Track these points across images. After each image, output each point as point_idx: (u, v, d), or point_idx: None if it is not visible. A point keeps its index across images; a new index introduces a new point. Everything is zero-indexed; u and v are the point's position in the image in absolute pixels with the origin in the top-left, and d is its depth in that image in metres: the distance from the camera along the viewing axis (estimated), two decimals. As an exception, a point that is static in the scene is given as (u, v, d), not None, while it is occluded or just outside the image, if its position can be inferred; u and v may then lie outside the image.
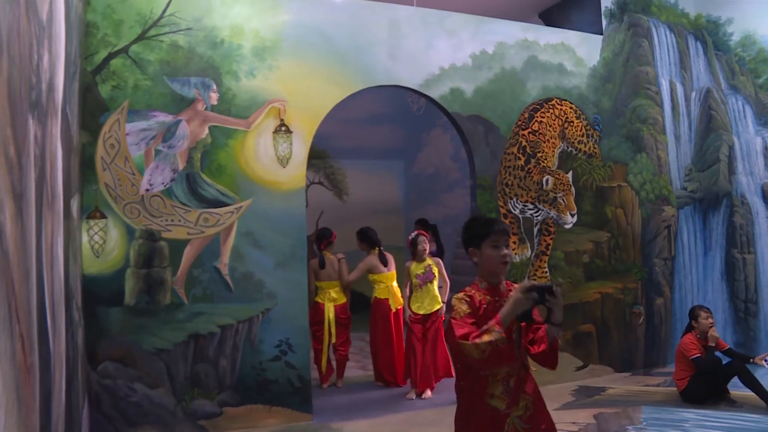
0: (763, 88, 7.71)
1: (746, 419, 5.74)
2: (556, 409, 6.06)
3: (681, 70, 8.22)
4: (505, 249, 2.83)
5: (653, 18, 8.06)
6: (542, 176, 6.99)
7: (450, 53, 6.68)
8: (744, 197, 7.90)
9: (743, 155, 7.94)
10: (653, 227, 7.81)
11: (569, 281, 7.11)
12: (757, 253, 7.79)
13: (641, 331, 7.65)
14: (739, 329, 7.93)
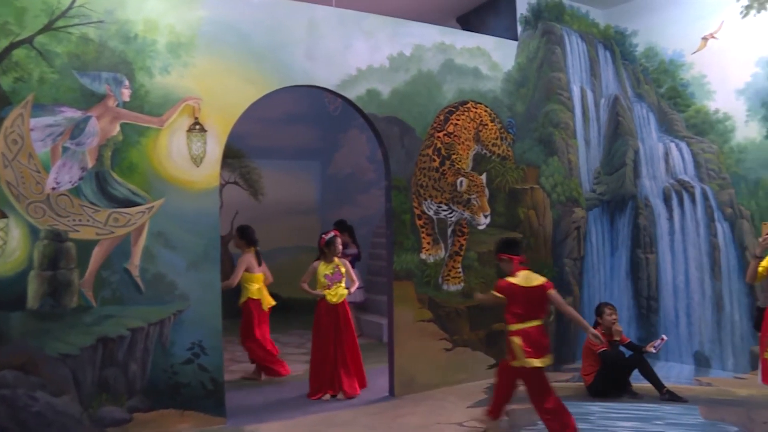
0: (664, 97, 8.26)
1: (645, 409, 6.22)
2: (469, 406, 6.35)
3: (591, 77, 8.71)
4: None
5: (566, 26, 8.50)
6: (456, 178, 7.26)
7: (367, 54, 6.82)
8: (648, 200, 8.44)
9: (647, 160, 8.48)
10: (564, 228, 8.26)
11: (482, 281, 7.41)
12: (659, 253, 8.34)
13: (551, 329, 8.03)
14: (642, 325, 8.49)
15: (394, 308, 6.85)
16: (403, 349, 6.84)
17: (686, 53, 8.05)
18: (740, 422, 5.72)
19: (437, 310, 7.08)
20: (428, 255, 7.04)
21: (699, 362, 7.91)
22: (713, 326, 7.77)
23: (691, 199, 7.98)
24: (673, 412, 6.10)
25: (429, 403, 6.46)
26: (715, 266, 7.76)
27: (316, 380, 6.88)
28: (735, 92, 7.55)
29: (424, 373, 6.95)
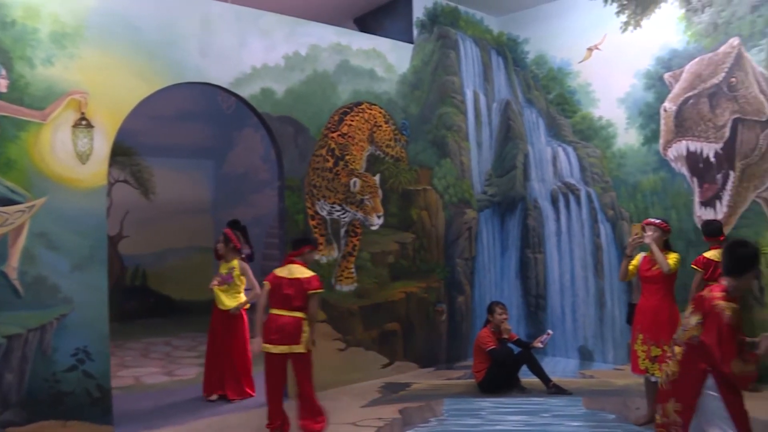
0: (553, 103, 8.74)
1: (533, 402, 6.57)
2: (363, 406, 6.48)
3: (484, 82, 9.09)
4: None
5: (461, 32, 8.82)
6: (350, 178, 7.41)
7: (263, 53, 6.83)
8: (536, 202, 8.91)
9: (536, 163, 8.94)
10: (455, 229, 8.58)
11: (375, 281, 7.61)
12: (547, 253, 8.82)
13: (444, 328, 8.37)
14: (531, 322, 8.94)
15: (287, 310, 6.88)
16: (298, 350, 6.89)
17: (573, 62, 8.56)
18: (617, 410, 6.18)
19: (330, 311, 7.18)
20: (321, 255, 7.14)
21: (583, 356, 8.43)
22: (596, 322, 8.31)
23: (577, 201, 8.49)
24: (559, 404, 6.48)
25: (323, 404, 6.50)
26: (598, 265, 8.29)
27: (208, 381, 6.89)
28: (617, 101, 8.12)
29: (317, 373, 6.85)
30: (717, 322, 3.62)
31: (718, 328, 3.61)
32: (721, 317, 3.60)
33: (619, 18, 8.06)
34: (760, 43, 6.98)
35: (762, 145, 6.93)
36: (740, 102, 7.05)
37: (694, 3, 7.44)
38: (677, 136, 7.51)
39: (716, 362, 3.59)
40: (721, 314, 3.60)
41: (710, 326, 3.66)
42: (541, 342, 7.08)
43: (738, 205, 7.13)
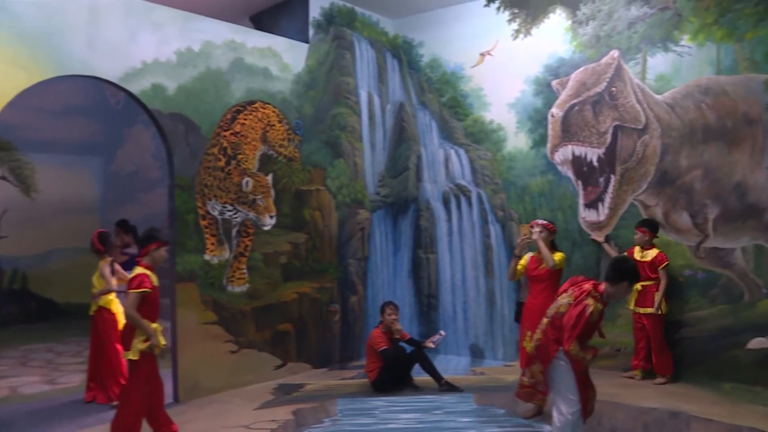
0: (446, 106, 9.04)
1: (425, 400, 6.77)
2: (256, 408, 6.47)
3: (379, 84, 9.29)
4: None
5: (356, 33, 8.98)
6: (242, 178, 7.40)
7: (154, 47, 6.70)
8: (429, 203, 9.18)
9: (429, 165, 9.22)
10: (348, 229, 8.72)
11: (268, 282, 7.66)
12: (438, 253, 9.11)
13: (337, 328, 8.50)
14: (423, 321, 9.21)
15: (176, 311, 6.84)
16: (187, 353, 6.82)
17: (466, 67, 8.88)
18: (507, 405, 6.49)
19: (222, 312, 7.18)
20: (212, 256, 7.12)
21: (474, 354, 8.76)
22: (486, 320, 8.66)
23: (468, 202, 8.82)
24: (451, 401, 6.72)
25: (214, 407, 6.49)
26: (488, 265, 8.64)
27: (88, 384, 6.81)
28: (507, 105, 8.49)
29: (209, 376, 7.00)
30: (580, 310, 4.38)
31: (578, 314, 4.37)
32: (585, 309, 4.36)
33: (510, 26, 8.43)
34: (636, 57, 7.51)
35: (639, 151, 7.44)
36: (620, 110, 7.53)
37: (579, 16, 7.90)
38: (563, 141, 7.94)
39: (563, 338, 4.42)
40: (586, 307, 4.36)
41: (573, 310, 4.43)
42: (433, 342, 7.30)
43: (618, 207, 7.62)
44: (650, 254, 7.01)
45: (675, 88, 7.27)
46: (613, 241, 7.61)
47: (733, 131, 6.95)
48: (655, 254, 6.99)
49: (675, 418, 5.80)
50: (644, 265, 6.92)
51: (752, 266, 6.87)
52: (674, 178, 7.27)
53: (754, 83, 6.83)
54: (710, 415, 5.76)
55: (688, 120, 7.18)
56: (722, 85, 7.01)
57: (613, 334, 7.51)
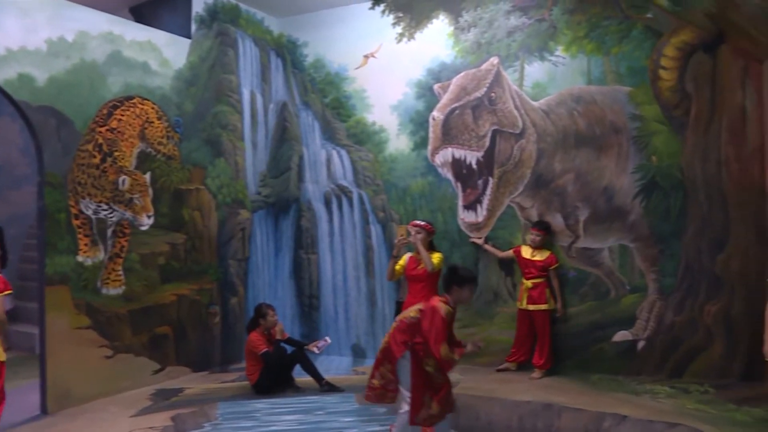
0: (329, 107, 9.04)
1: (307, 401, 6.74)
2: (132, 415, 6.18)
3: (262, 82, 9.15)
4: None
5: (240, 30, 8.80)
6: (119, 176, 7.07)
7: (21, 35, 6.26)
8: (310, 203, 9.15)
9: (311, 165, 9.19)
10: (229, 229, 8.55)
11: (145, 284, 7.39)
12: (320, 253, 9.10)
13: (217, 330, 8.32)
14: (305, 322, 9.16)
15: (46, 316, 6.43)
16: (58, 361, 6.44)
17: (350, 68, 8.91)
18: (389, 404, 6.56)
19: (96, 316, 6.82)
20: (86, 257, 6.76)
21: (356, 354, 8.82)
22: (368, 320, 8.73)
23: (350, 203, 8.86)
24: (333, 401, 6.73)
25: (87, 417, 6.14)
26: (369, 265, 8.72)
27: None
28: (389, 107, 8.59)
29: (81, 384, 6.61)
30: (433, 315, 4.75)
31: (432, 317, 4.76)
32: (437, 309, 4.77)
33: (395, 29, 8.54)
34: (514, 64, 7.81)
35: (516, 155, 7.72)
36: (499, 115, 7.80)
37: (461, 22, 8.11)
38: (444, 144, 8.11)
39: (430, 344, 4.74)
40: (437, 308, 4.78)
41: (427, 316, 4.80)
42: (318, 347, 7.28)
43: (496, 208, 7.88)
44: (542, 254, 7.32)
45: (550, 96, 7.63)
46: (491, 242, 7.86)
47: (601, 138, 7.39)
48: (547, 255, 7.31)
49: (548, 409, 6.09)
50: (535, 264, 7.28)
51: (618, 265, 7.35)
52: (548, 181, 7.61)
53: (620, 94, 7.30)
54: (579, 404, 6.10)
55: (561, 126, 7.55)
56: (592, 95, 7.43)
57: (491, 331, 7.81)
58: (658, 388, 6.67)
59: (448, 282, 4.94)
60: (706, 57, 7.02)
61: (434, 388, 4.99)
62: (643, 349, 7.24)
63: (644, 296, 7.23)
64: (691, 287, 7.06)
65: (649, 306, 7.21)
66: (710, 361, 6.96)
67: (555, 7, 7.60)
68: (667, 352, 7.14)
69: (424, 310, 4.88)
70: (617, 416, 5.77)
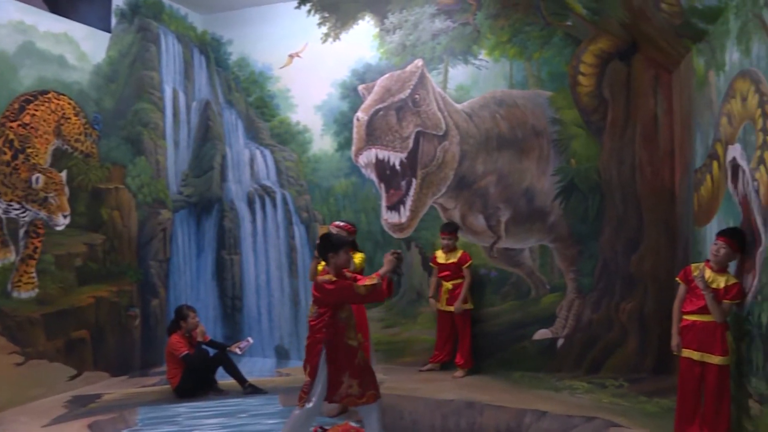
0: (252, 106, 8.91)
1: (230, 404, 6.63)
2: (45, 425, 5.87)
3: (185, 80, 8.93)
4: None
5: (163, 26, 8.56)
6: (32, 174, 6.75)
7: None
8: (233, 203, 9.00)
9: (234, 165, 9.03)
10: (149, 230, 8.30)
11: (60, 286, 7.07)
12: (243, 254, 8.96)
13: (137, 333, 8.07)
14: (228, 324, 9.00)
15: (-52, 321, 6.10)
16: (-37, 369, 6.10)
17: (274, 67, 8.81)
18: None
19: (6, 321, 6.46)
20: (-5, 259, 6.46)
21: (280, 355, 8.72)
22: (291, 321, 8.65)
23: (273, 203, 8.75)
24: (256, 403, 6.63)
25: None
26: (292, 266, 8.64)
27: None
28: (314, 108, 8.55)
29: None
30: (327, 286, 4.78)
31: (332, 290, 4.77)
32: (326, 283, 4.79)
33: (320, 29, 8.49)
34: (438, 67, 7.89)
35: (439, 157, 7.80)
36: (422, 117, 7.86)
37: (387, 24, 8.13)
38: (368, 145, 8.11)
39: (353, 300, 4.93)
40: (327, 281, 4.80)
41: (325, 293, 4.81)
42: (240, 348, 7.16)
43: (419, 209, 7.94)
44: (455, 255, 7.34)
45: (473, 99, 7.75)
46: (414, 242, 7.91)
47: (523, 141, 7.55)
48: (460, 254, 7.33)
49: (470, 407, 6.17)
50: (451, 266, 7.32)
51: (538, 265, 7.53)
52: (471, 182, 7.72)
53: (541, 98, 7.49)
54: (501, 402, 6.21)
55: (484, 129, 7.67)
56: (514, 98, 7.59)
57: (414, 331, 7.87)
58: (577, 383, 6.88)
59: (323, 251, 4.92)
60: (622, 65, 7.30)
61: (354, 368, 4.95)
62: (562, 347, 7.44)
63: (563, 295, 7.44)
64: (608, 286, 7.30)
65: (568, 305, 7.41)
66: (625, 356, 7.24)
67: (479, 11, 7.71)
68: (585, 349, 7.36)
69: (316, 294, 4.87)
70: (537, 412, 5.92)
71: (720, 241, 4.85)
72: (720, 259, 4.84)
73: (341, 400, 4.98)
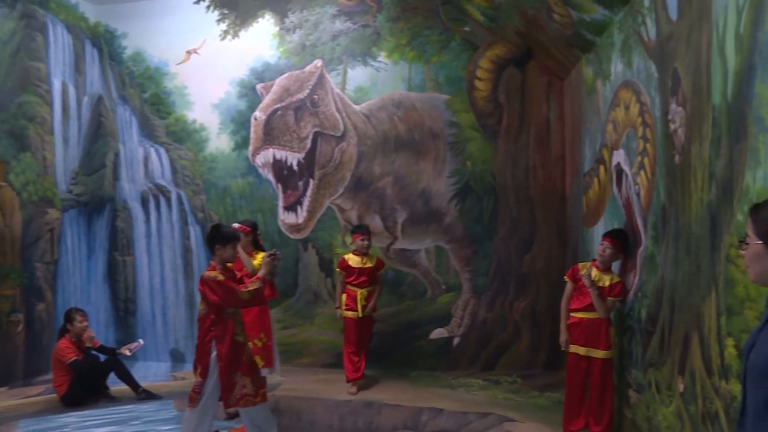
0: (147, 103, 8.62)
1: (122, 411, 6.41)
2: None
3: (75, 73, 8.54)
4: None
5: (51, 14, 8.16)
6: None
7: None
8: (126, 203, 8.68)
9: (127, 163, 8.70)
10: (35, 230, 7.88)
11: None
12: (136, 255, 8.67)
13: (20, 340, 7.63)
14: (120, 327, 8.69)
15: None
16: None
17: (171, 63, 8.57)
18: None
19: None
20: None
21: (175, 358, 8.50)
22: (187, 323, 8.46)
23: (168, 203, 8.52)
24: (150, 409, 6.45)
25: None
26: (188, 266, 8.46)
27: None
28: (211, 106, 8.39)
29: None
30: (212, 286, 4.71)
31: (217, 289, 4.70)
32: (212, 280, 4.70)
33: (219, 26, 8.32)
34: (338, 68, 7.91)
35: (337, 157, 7.80)
36: (320, 117, 7.84)
37: (287, 23, 8.07)
38: (265, 144, 8.03)
39: (235, 304, 4.79)
40: (213, 279, 4.70)
41: (210, 291, 4.72)
42: (129, 350, 6.95)
43: (316, 210, 7.93)
44: (371, 260, 6.84)
45: (371, 100, 7.81)
46: (311, 243, 7.86)
47: (420, 143, 7.65)
48: (376, 259, 6.90)
49: (368, 407, 6.24)
50: (368, 272, 6.77)
51: (434, 265, 7.64)
52: (368, 183, 7.75)
53: (438, 101, 7.61)
54: (398, 401, 6.30)
55: (381, 130, 7.73)
56: (412, 101, 7.68)
57: (312, 332, 7.83)
58: (472, 381, 7.05)
59: (210, 242, 4.86)
60: (517, 71, 7.52)
61: (244, 365, 4.89)
62: (458, 345, 7.59)
63: (459, 295, 7.60)
64: (502, 286, 7.50)
65: (464, 304, 7.55)
66: (518, 353, 7.46)
67: (379, 14, 7.75)
68: (480, 347, 7.53)
69: (202, 290, 4.79)
70: (434, 410, 6.04)
71: (606, 241, 5.07)
72: (605, 259, 5.06)
73: (237, 403, 4.88)
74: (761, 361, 1.95)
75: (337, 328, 7.58)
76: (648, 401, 4.54)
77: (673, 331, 4.06)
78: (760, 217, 2.04)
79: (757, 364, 1.96)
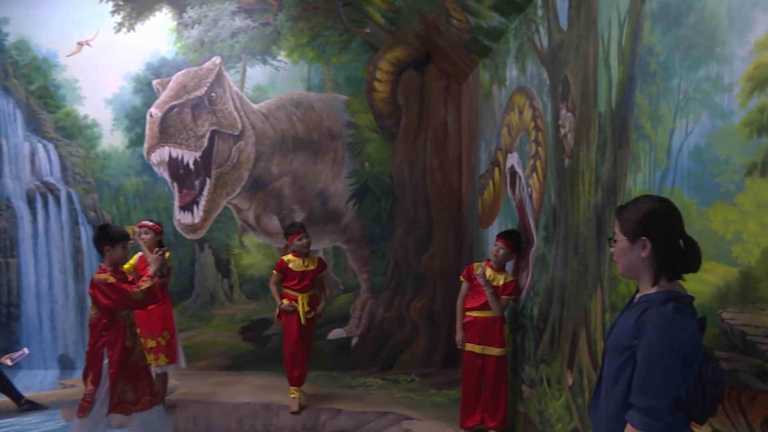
0: (34, 95, 8.17)
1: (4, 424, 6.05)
2: None
3: (-50, 61, 8.04)
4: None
5: None
6: None
7: None
8: (10, 201, 8.19)
9: (11, 159, 8.22)
10: None
11: None
12: (21, 256, 8.20)
13: None
14: (3, 334, 8.18)
15: None
16: None
17: (61, 55, 8.16)
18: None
19: None
20: None
21: (64, 365, 8.12)
22: (77, 327, 8.10)
23: (56, 202, 8.12)
24: (34, 421, 6.12)
25: None
26: (78, 268, 8.10)
27: None
28: (104, 101, 8.05)
29: None
30: (104, 289, 4.46)
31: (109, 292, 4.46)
32: (103, 283, 4.46)
33: (113, 18, 8.00)
34: (236, 66, 7.78)
35: (234, 156, 7.68)
36: (218, 115, 7.70)
37: (185, 18, 7.87)
38: (161, 142, 7.82)
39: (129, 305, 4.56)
40: (103, 282, 4.47)
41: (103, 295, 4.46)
42: (12, 359, 6.57)
43: (213, 209, 7.79)
44: (313, 261, 6.37)
45: (270, 99, 7.73)
46: (207, 244, 7.71)
47: (318, 143, 7.65)
48: (317, 260, 6.43)
49: (266, 409, 6.23)
50: (310, 275, 6.31)
51: (332, 266, 7.60)
52: (266, 183, 7.69)
53: (337, 102, 7.63)
54: (297, 402, 6.28)
55: (280, 130, 7.68)
56: (311, 101, 7.66)
57: (209, 334, 7.67)
58: (371, 380, 7.12)
59: (98, 243, 4.66)
60: (416, 74, 7.63)
61: (129, 372, 4.68)
62: (356, 345, 7.64)
63: (357, 295, 7.64)
64: (399, 285, 7.59)
65: (362, 304, 7.60)
66: (416, 352, 7.58)
67: (280, 12, 7.68)
68: (378, 346, 7.60)
69: (93, 294, 4.56)
70: (333, 411, 6.11)
71: (499, 242, 5.22)
72: (499, 259, 5.22)
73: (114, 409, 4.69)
74: (617, 337, 2.29)
75: (233, 329, 7.49)
76: (540, 395, 4.71)
77: (562, 327, 4.22)
78: (623, 217, 2.31)
79: (614, 339, 2.31)
